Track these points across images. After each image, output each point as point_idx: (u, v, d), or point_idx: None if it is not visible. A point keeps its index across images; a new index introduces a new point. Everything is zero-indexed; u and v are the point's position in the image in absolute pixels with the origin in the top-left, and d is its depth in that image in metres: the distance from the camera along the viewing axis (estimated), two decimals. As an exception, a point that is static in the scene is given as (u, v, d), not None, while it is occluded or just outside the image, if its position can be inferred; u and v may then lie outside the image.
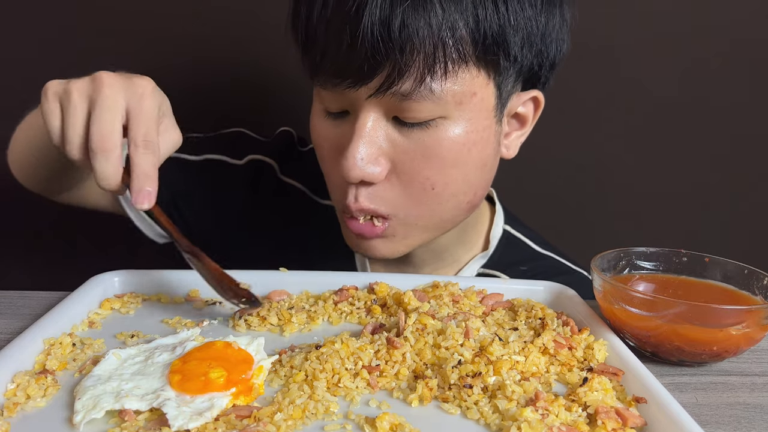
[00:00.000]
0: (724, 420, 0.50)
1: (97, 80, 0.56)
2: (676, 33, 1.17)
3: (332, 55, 0.64)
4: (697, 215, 1.29)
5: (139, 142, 0.56)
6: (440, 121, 0.66)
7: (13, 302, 0.65)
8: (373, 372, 0.51)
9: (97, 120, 0.55)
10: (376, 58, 0.61)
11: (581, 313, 0.63)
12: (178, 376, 0.48)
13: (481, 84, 0.66)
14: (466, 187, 0.72)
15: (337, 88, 0.65)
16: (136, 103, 0.56)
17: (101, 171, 0.55)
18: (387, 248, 0.74)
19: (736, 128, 1.24)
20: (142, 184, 0.55)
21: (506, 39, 0.65)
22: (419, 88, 0.63)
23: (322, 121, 0.72)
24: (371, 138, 0.66)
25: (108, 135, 0.55)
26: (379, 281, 0.66)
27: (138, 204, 0.55)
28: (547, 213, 1.22)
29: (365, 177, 0.67)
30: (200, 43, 1.17)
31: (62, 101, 0.57)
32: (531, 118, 0.77)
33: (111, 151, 0.55)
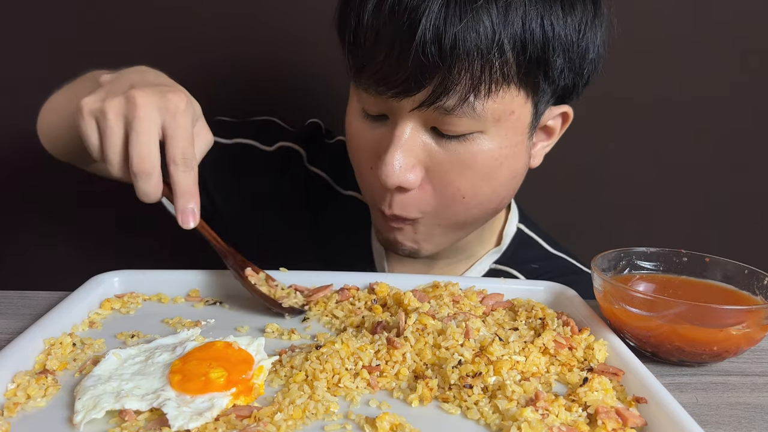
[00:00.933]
0: (725, 420, 0.50)
1: (131, 100, 0.57)
2: (677, 32, 1.17)
3: (380, 64, 0.64)
4: (698, 215, 1.29)
5: (178, 160, 0.57)
6: (477, 135, 0.67)
7: (14, 302, 0.65)
8: (374, 372, 0.51)
9: (136, 143, 0.56)
10: (425, 74, 0.62)
11: (581, 313, 0.63)
12: (179, 376, 0.48)
13: (520, 103, 0.67)
14: (494, 197, 0.73)
15: (380, 95, 0.66)
16: (172, 121, 0.58)
17: (143, 190, 0.57)
18: (410, 244, 0.76)
19: (736, 128, 1.24)
20: (186, 203, 0.58)
21: (548, 61, 0.66)
22: (462, 106, 0.64)
23: (359, 120, 0.73)
24: (409, 147, 0.67)
25: (147, 157, 0.56)
26: (379, 281, 0.67)
27: (184, 224, 0.57)
28: (547, 213, 1.22)
29: (402, 184, 0.68)
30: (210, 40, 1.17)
31: (99, 121, 0.58)
32: (558, 131, 0.79)
33: (150, 173, 0.56)
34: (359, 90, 0.69)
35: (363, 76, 0.67)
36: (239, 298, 0.66)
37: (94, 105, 0.59)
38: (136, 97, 0.57)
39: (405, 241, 0.76)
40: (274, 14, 1.16)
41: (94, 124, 0.59)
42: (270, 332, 0.59)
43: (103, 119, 0.58)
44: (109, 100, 0.58)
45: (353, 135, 0.74)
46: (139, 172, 0.56)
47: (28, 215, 1.20)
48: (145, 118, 0.57)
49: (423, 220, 0.73)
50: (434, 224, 0.74)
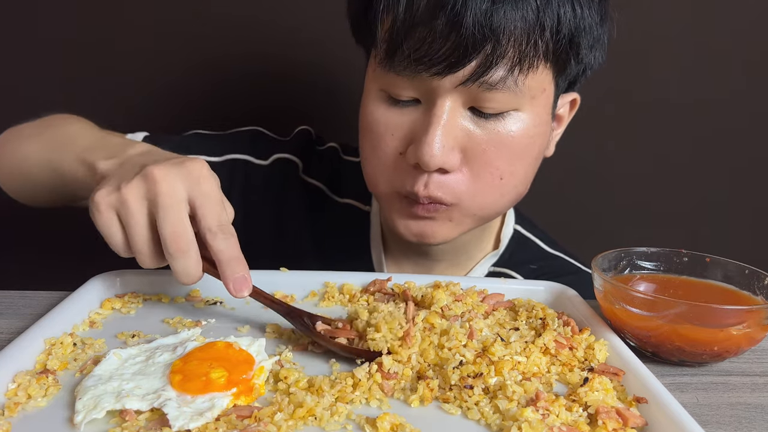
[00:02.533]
0: (725, 420, 0.50)
1: (149, 178, 0.54)
2: (677, 32, 1.17)
3: (419, 41, 0.63)
4: (698, 215, 1.29)
5: (214, 228, 0.54)
6: (513, 113, 0.68)
7: (14, 302, 0.65)
8: (391, 379, 0.50)
9: (166, 221, 0.53)
10: (473, 46, 0.61)
11: (582, 313, 0.63)
12: (179, 376, 0.48)
13: (549, 81, 0.69)
14: (525, 179, 0.74)
15: (420, 74, 0.64)
16: (198, 190, 0.54)
17: (183, 270, 0.54)
18: (442, 232, 0.74)
19: (736, 128, 1.24)
20: (234, 272, 0.54)
21: (579, 41, 0.67)
22: (506, 80, 0.64)
23: (383, 107, 0.71)
24: (449, 127, 0.67)
25: (182, 234, 0.53)
26: (382, 279, 0.67)
27: (238, 293, 0.54)
28: (547, 213, 1.22)
29: (443, 165, 0.67)
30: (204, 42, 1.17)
31: (119, 212, 0.54)
32: (566, 119, 0.81)
33: (188, 250, 0.53)
34: (389, 74, 0.67)
35: (397, 57, 0.65)
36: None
37: (111, 197, 0.54)
38: (154, 173, 0.53)
39: (437, 229, 0.74)
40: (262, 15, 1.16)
41: (115, 217, 0.55)
42: (270, 332, 0.59)
43: (124, 208, 0.54)
44: (125, 185, 0.54)
45: (376, 122, 0.71)
46: (175, 251, 0.53)
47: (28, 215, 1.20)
48: (168, 193, 0.53)
49: (460, 207, 0.72)
50: (471, 213, 0.73)
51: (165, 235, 0.53)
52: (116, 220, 0.55)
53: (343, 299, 0.66)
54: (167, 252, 0.53)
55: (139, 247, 0.55)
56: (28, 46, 1.17)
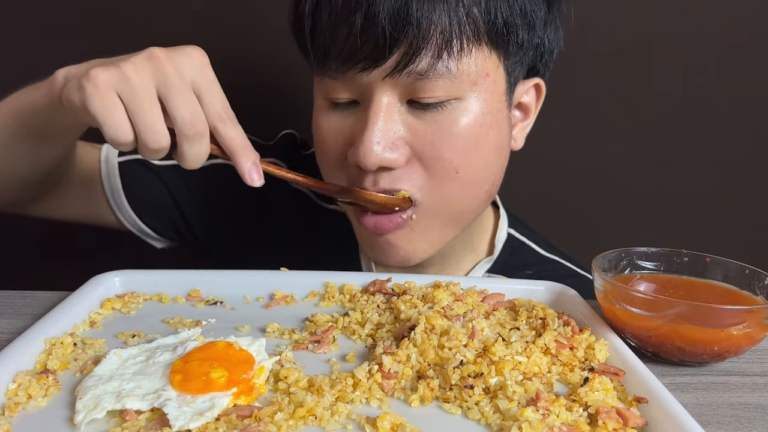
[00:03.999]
0: (725, 420, 0.50)
1: (153, 58, 0.52)
2: (677, 32, 1.17)
3: (343, 39, 0.63)
4: (698, 215, 1.29)
5: (223, 116, 0.54)
6: (455, 103, 0.66)
7: (14, 302, 0.65)
8: (391, 378, 0.50)
9: (181, 103, 0.52)
10: (393, 36, 0.61)
11: (582, 313, 0.63)
12: (180, 376, 0.48)
13: (493, 66, 0.67)
14: (486, 174, 0.72)
15: (349, 73, 0.64)
16: (202, 77, 0.54)
17: (195, 155, 0.54)
18: (407, 246, 0.73)
19: (736, 128, 1.24)
20: (247, 160, 0.55)
21: (515, 21, 0.66)
22: (436, 66, 0.63)
23: (327, 115, 0.71)
24: (387, 123, 0.66)
25: (197, 119, 0.53)
26: (382, 279, 0.67)
27: (253, 181, 0.56)
28: (548, 213, 1.22)
29: (383, 162, 0.66)
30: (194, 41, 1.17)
31: (121, 90, 0.51)
32: (534, 108, 0.79)
33: (205, 133, 0.53)
34: (325, 80, 0.68)
35: (327, 60, 0.65)
36: (240, 298, 0.66)
37: (111, 75, 0.50)
38: (158, 54, 0.52)
39: (399, 242, 0.72)
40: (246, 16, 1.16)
41: (116, 96, 0.51)
42: (271, 332, 0.59)
43: (129, 85, 0.50)
44: (125, 62, 0.51)
45: (323, 130, 0.72)
46: (194, 135, 0.52)
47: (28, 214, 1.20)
48: (177, 75, 0.52)
49: (422, 209, 0.71)
50: (432, 215, 0.71)
51: (182, 118, 0.52)
52: (117, 98, 0.51)
53: (344, 299, 0.66)
54: (184, 135, 0.53)
55: (155, 127, 0.52)
56: (25, 44, 1.17)
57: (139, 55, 0.52)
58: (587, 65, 1.18)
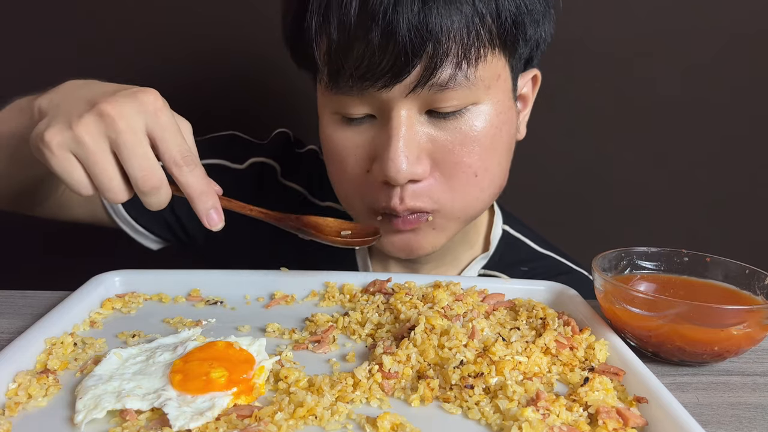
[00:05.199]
0: (726, 420, 0.50)
1: (104, 114, 0.51)
2: (677, 32, 1.17)
3: (360, 57, 0.62)
4: (698, 215, 1.29)
5: (179, 160, 0.54)
6: (472, 108, 0.67)
7: (15, 302, 0.65)
8: (391, 378, 0.50)
9: (134, 161, 0.52)
10: (414, 51, 0.61)
11: (582, 313, 0.63)
12: (180, 376, 0.48)
13: (501, 66, 0.68)
14: (500, 172, 0.73)
15: (367, 91, 0.64)
16: (156, 123, 0.53)
17: (156, 204, 0.54)
18: (429, 242, 0.73)
19: (736, 128, 1.24)
20: (205, 205, 0.55)
21: (523, 21, 0.67)
22: (456, 76, 0.63)
23: (340, 130, 0.70)
24: (410, 137, 0.66)
25: (151, 171, 0.53)
26: (382, 279, 0.67)
27: (212, 226, 0.55)
28: (548, 213, 1.23)
29: (413, 176, 0.66)
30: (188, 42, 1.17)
31: (75, 152, 0.52)
32: (531, 97, 0.80)
33: (160, 187, 0.53)
34: (337, 96, 0.67)
35: (341, 78, 0.64)
36: (240, 298, 0.66)
37: (62, 135, 0.51)
38: (107, 110, 0.51)
39: (420, 240, 0.73)
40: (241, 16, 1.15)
41: (72, 157, 0.52)
42: (271, 332, 0.59)
43: (82, 147, 0.51)
44: (76, 123, 0.51)
45: (336, 145, 0.71)
46: (149, 189, 0.53)
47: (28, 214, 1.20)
48: (129, 130, 0.52)
49: (442, 214, 0.71)
50: (452, 218, 0.72)
51: (135, 175, 0.52)
52: (73, 159, 0.52)
53: (344, 299, 0.66)
54: (140, 191, 0.53)
55: (107, 185, 0.53)
56: (22, 44, 1.17)
57: (91, 113, 0.52)
58: (587, 64, 1.18)
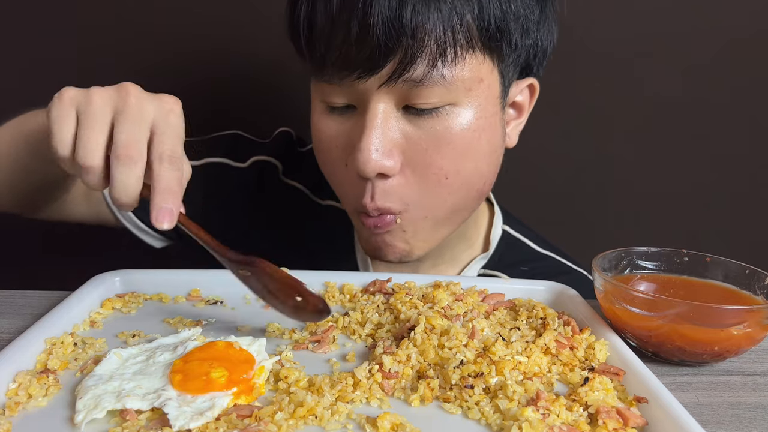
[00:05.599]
0: (726, 420, 0.50)
1: (123, 89, 0.53)
2: (677, 32, 1.17)
3: (339, 47, 0.63)
4: (699, 215, 1.29)
5: (164, 156, 0.52)
6: (450, 109, 0.67)
7: (15, 302, 0.65)
8: (391, 378, 0.50)
9: (124, 127, 0.51)
10: (388, 46, 0.61)
11: (582, 313, 0.63)
12: (180, 376, 0.48)
13: (487, 70, 0.68)
14: (477, 176, 0.72)
15: (345, 80, 0.65)
16: (164, 119, 0.53)
17: (122, 182, 0.51)
18: (403, 245, 0.74)
19: (736, 128, 1.24)
20: (163, 201, 0.51)
21: (508, 26, 0.66)
22: (431, 74, 0.63)
23: (325, 118, 0.71)
24: (384, 129, 0.66)
25: (134, 143, 0.51)
26: (382, 279, 0.67)
27: (158, 222, 0.50)
28: (548, 213, 1.22)
29: (381, 169, 0.66)
30: (191, 41, 1.17)
31: (80, 107, 0.52)
32: (527, 106, 0.79)
33: (137, 161, 0.51)
34: (321, 85, 0.68)
35: (324, 68, 0.66)
36: (240, 298, 0.66)
37: (78, 93, 0.52)
38: (128, 87, 0.53)
39: (396, 242, 0.73)
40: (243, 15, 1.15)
41: (74, 111, 0.52)
42: (271, 332, 0.59)
43: (88, 104, 0.52)
44: (96, 88, 0.53)
45: (321, 135, 0.72)
46: (124, 157, 0.50)
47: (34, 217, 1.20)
48: (137, 107, 0.52)
49: (409, 214, 0.71)
50: (421, 216, 0.72)
51: (119, 141, 0.50)
52: (73, 116, 0.52)
53: (344, 299, 0.66)
54: (114, 156, 0.50)
55: (85, 143, 0.51)
56: (22, 44, 1.17)
57: (112, 87, 0.53)
58: (587, 64, 1.18)
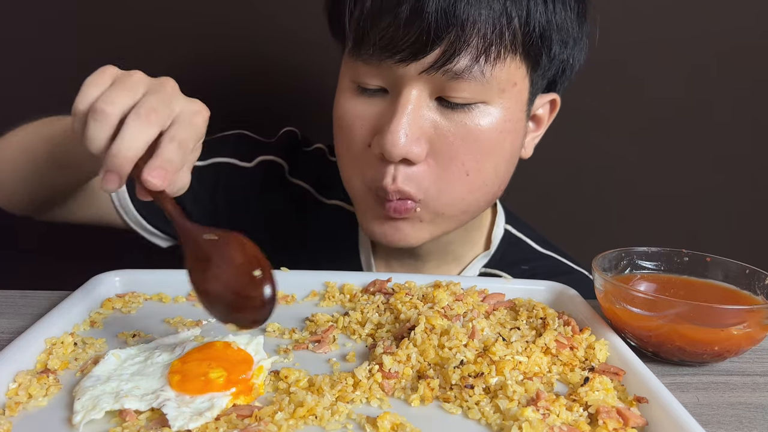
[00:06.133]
0: (726, 420, 0.50)
1: (162, 79, 0.54)
2: (678, 34, 1.17)
3: (384, 29, 0.63)
4: (699, 215, 1.29)
5: (175, 139, 0.51)
6: (481, 106, 0.67)
7: (15, 302, 0.65)
8: (391, 378, 0.50)
9: (152, 98, 0.51)
10: (437, 33, 0.62)
11: (582, 313, 0.63)
12: (178, 377, 0.48)
13: (521, 76, 0.69)
14: (495, 178, 0.73)
15: (385, 62, 0.65)
16: (189, 116, 0.53)
17: (134, 135, 0.49)
18: (413, 233, 0.74)
19: (737, 128, 1.24)
20: (160, 162, 0.49)
21: (551, 36, 0.67)
22: (472, 69, 0.64)
23: (352, 98, 0.71)
24: (415, 116, 0.66)
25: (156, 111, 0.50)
26: (382, 279, 0.67)
27: (150, 176, 0.49)
28: (548, 213, 1.22)
29: (408, 155, 0.66)
30: (190, 42, 1.17)
31: (117, 78, 0.53)
32: (546, 121, 0.80)
33: (153, 124, 0.50)
34: (357, 63, 0.68)
35: (364, 45, 0.66)
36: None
37: (118, 70, 0.54)
38: (168, 79, 0.54)
39: (407, 229, 0.73)
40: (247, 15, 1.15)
41: (109, 81, 0.52)
42: (271, 332, 0.59)
43: (126, 76, 0.53)
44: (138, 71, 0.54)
45: (346, 113, 0.72)
46: (144, 115, 0.49)
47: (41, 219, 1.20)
48: (169, 94, 0.52)
49: (425, 204, 0.71)
50: (435, 210, 0.72)
51: (143, 102, 0.51)
52: (107, 84, 0.52)
53: (344, 299, 0.66)
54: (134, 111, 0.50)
55: (108, 101, 0.50)
56: (22, 44, 1.17)
57: (154, 77, 0.54)
58: (588, 65, 1.18)
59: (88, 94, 0.52)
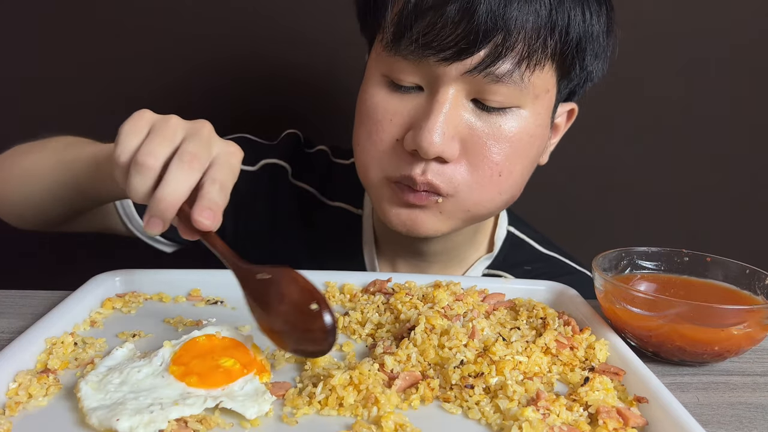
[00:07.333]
0: (726, 420, 0.50)
1: (199, 122, 0.55)
2: (677, 33, 1.17)
3: (429, 25, 0.63)
4: (699, 215, 1.29)
5: (217, 180, 0.52)
6: (516, 110, 0.68)
7: (15, 302, 0.65)
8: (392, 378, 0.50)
9: (193, 144, 0.52)
10: (484, 35, 0.62)
11: (582, 313, 0.63)
12: (195, 377, 0.47)
13: (552, 83, 0.69)
14: (521, 181, 0.74)
15: (426, 59, 0.64)
16: (226, 157, 0.55)
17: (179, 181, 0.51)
18: (432, 224, 0.73)
19: (736, 128, 1.24)
20: (208, 203, 0.51)
21: (585, 47, 0.68)
22: (513, 74, 0.64)
23: (384, 92, 0.70)
24: (451, 116, 0.66)
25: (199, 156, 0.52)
26: (383, 279, 0.67)
27: (200, 216, 0.50)
28: (548, 213, 1.22)
29: (443, 154, 0.66)
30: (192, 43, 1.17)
31: (155, 126, 0.54)
32: (562, 129, 0.81)
33: (196, 170, 0.52)
34: (394, 58, 0.67)
35: (404, 40, 0.65)
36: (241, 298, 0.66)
37: (155, 115, 0.55)
38: (204, 123, 0.55)
39: (427, 219, 0.72)
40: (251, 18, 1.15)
41: (147, 129, 0.54)
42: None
43: (163, 122, 0.54)
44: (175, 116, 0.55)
45: (376, 107, 0.71)
46: (188, 161, 0.51)
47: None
48: (207, 137, 0.54)
49: (453, 200, 0.71)
50: (463, 208, 0.72)
51: (185, 148, 0.52)
52: (145, 133, 0.53)
53: (344, 299, 0.66)
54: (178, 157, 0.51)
55: (150, 153, 0.51)
56: (23, 45, 1.17)
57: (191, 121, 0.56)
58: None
59: (128, 144, 0.53)
